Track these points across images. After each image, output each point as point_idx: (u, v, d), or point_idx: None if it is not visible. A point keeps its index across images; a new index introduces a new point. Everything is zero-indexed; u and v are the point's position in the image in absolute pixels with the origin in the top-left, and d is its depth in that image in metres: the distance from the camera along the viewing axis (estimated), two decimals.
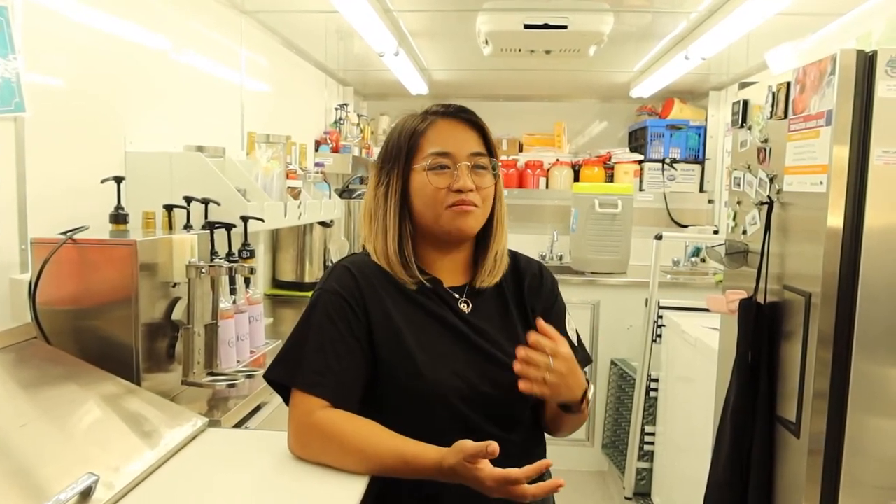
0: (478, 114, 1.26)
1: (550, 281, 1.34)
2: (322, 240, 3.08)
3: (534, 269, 1.32)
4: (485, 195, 1.22)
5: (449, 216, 1.19)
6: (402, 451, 1.09)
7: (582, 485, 3.51)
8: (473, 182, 1.19)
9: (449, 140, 1.21)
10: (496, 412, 1.18)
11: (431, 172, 1.19)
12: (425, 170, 1.19)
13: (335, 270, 1.24)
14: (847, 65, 1.48)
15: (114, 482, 1.05)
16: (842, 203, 1.50)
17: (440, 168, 1.19)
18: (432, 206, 1.20)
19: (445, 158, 1.19)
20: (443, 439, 1.08)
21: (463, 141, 1.21)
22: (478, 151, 1.22)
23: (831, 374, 1.53)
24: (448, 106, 1.25)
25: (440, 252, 1.25)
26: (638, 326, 3.42)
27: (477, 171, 1.21)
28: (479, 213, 1.22)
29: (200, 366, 1.59)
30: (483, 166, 1.22)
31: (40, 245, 1.46)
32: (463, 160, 1.20)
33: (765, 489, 1.71)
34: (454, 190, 1.18)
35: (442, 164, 1.19)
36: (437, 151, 1.20)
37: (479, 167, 1.21)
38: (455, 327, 1.21)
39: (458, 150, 1.20)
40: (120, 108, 1.89)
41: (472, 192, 1.19)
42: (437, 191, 1.19)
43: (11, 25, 1.44)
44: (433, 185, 1.19)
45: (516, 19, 2.58)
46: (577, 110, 4.63)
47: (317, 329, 1.17)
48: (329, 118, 3.88)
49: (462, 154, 1.20)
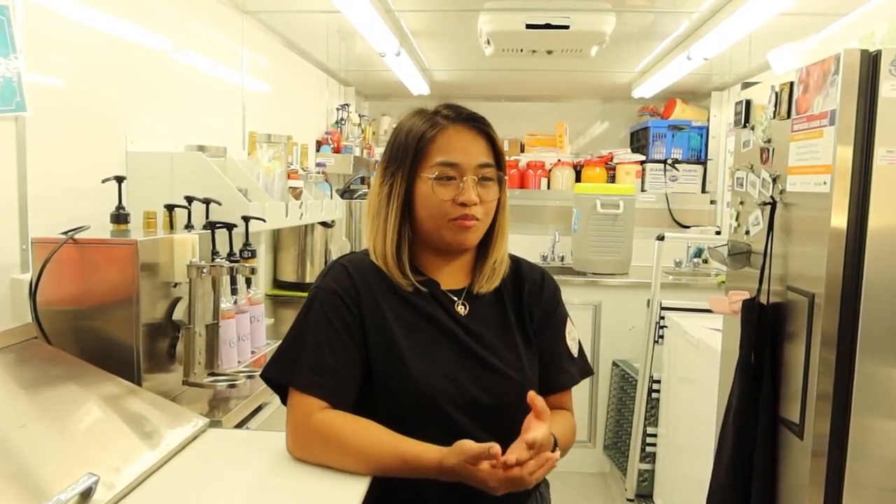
0: (479, 113, 1.25)
1: (552, 288, 1.32)
2: (323, 240, 3.07)
3: (535, 276, 1.31)
4: (488, 208, 1.21)
5: (451, 229, 1.18)
6: (403, 450, 1.09)
7: (584, 486, 3.51)
8: (479, 195, 1.18)
9: (457, 150, 1.18)
10: (488, 418, 1.17)
11: (437, 183, 1.17)
12: (431, 179, 1.17)
13: (332, 268, 1.23)
14: (851, 64, 1.47)
15: (114, 483, 1.05)
16: (845, 203, 1.50)
17: (446, 179, 1.17)
18: (435, 216, 1.18)
19: (452, 169, 1.18)
20: (434, 444, 1.08)
21: (471, 151, 1.19)
22: (485, 163, 1.20)
23: (835, 375, 1.52)
24: (460, 111, 1.22)
25: (440, 257, 1.25)
26: (640, 327, 3.42)
27: (483, 182, 1.19)
28: (481, 227, 1.21)
29: (201, 366, 1.59)
30: (490, 178, 1.20)
31: (41, 245, 1.46)
32: (470, 172, 1.18)
33: (768, 491, 1.71)
34: (458, 203, 1.17)
35: (448, 175, 1.18)
36: (444, 161, 1.17)
37: (485, 179, 1.20)
38: (450, 330, 1.20)
39: (466, 162, 1.18)
40: (121, 108, 1.89)
41: (475, 206, 1.18)
42: (442, 203, 1.17)
43: (12, 25, 1.44)
44: (438, 197, 1.17)
45: (518, 19, 2.58)
46: (578, 111, 4.63)
47: (313, 328, 1.17)
48: (330, 118, 3.88)
49: (470, 166, 1.18)
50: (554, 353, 1.27)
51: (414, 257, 1.23)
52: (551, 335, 1.28)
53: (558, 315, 1.30)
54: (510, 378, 1.19)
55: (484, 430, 1.15)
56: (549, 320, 1.28)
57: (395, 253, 1.20)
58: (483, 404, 1.16)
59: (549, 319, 1.28)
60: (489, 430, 1.14)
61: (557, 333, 1.29)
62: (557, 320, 1.29)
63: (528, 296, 1.28)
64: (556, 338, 1.28)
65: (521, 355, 1.22)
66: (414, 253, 1.24)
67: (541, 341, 1.26)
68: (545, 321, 1.27)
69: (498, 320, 1.25)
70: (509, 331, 1.24)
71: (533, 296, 1.28)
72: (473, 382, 1.17)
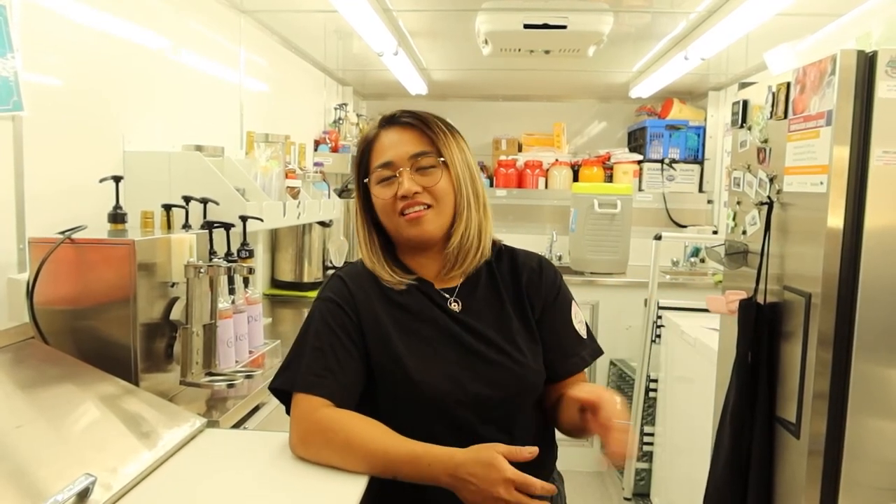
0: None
1: (551, 274, 1.31)
2: (321, 240, 3.07)
3: (532, 264, 1.30)
4: (437, 193, 1.20)
5: (404, 224, 1.21)
6: (411, 447, 1.08)
7: (581, 485, 3.51)
8: (420, 183, 1.20)
9: (389, 149, 1.22)
10: (491, 412, 1.17)
11: (378, 186, 1.22)
12: (375, 184, 1.23)
13: (330, 281, 1.27)
14: (847, 65, 1.48)
15: (111, 483, 1.05)
16: (842, 203, 1.50)
17: (385, 180, 1.21)
18: (388, 217, 1.23)
19: (388, 169, 1.21)
20: (438, 443, 1.08)
21: (402, 145, 1.22)
22: (418, 152, 1.21)
23: (831, 374, 1.53)
24: (393, 114, 1.26)
25: (419, 255, 1.27)
26: (637, 327, 3.42)
27: (423, 171, 1.21)
28: (433, 214, 1.21)
29: (199, 366, 1.59)
30: (429, 165, 1.21)
31: (38, 245, 1.45)
32: (404, 165, 1.20)
33: (764, 490, 1.71)
34: (399, 197, 1.19)
35: (386, 176, 1.21)
36: (380, 163, 1.22)
37: (423, 168, 1.21)
38: (446, 328, 1.21)
39: (398, 157, 1.21)
40: (118, 108, 1.88)
41: (419, 195, 1.19)
42: (386, 202, 1.21)
43: (9, 24, 1.44)
44: (381, 198, 1.22)
45: (516, 19, 2.58)
46: (576, 110, 4.63)
47: (314, 336, 1.19)
48: (328, 118, 3.87)
49: (402, 159, 1.21)
50: (561, 339, 1.27)
51: (401, 260, 1.27)
52: (556, 321, 1.27)
53: (561, 300, 1.29)
54: (510, 370, 1.19)
55: (487, 425, 1.16)
56: (552, 306, 1.27)
57: (375, 257, 1.26)
58: (485, 399, 1.17)
59: (551, 306, 1.27)
60: (493, 424, 1.16)
61: (563, 318, 1.28)
62: (561, 305, 1.28)
63: (527, 285, 1.27)
64: (562, 323, 1.28)
65: (522, 346, 1.22)
66: (400, 256, 1.28)
67: (546, 328, 1.26)
68: (548, 308, 1.27)
69: (494, 313, 1.24)
70: (507, 322, 1.23)
71: (532, 284, 1.28)
72: (474, 378, 1.17)
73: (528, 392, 1.21)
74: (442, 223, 1.22)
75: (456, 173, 1.22)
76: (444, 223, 1.22)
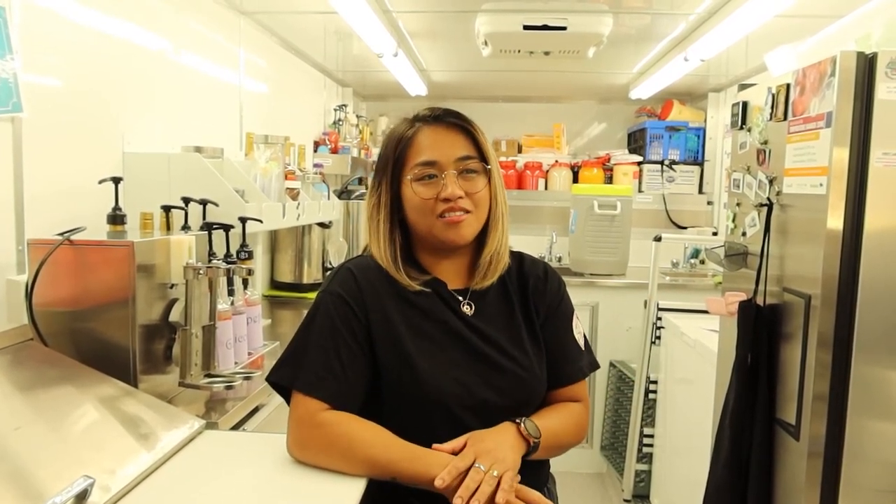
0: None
1: (556, 283, 1.31)
2: (321, 241, 3.07)
3: (538, 271, 1.31)
4: (477, 199, 1.20)
5: (441, 227, 1.18)
6: (412, 450, 1.08)
7: (580, 487, 3.51)
8: (463, 188, 1.18)
9: (434, 148, 1.19)
10: (496, 418, 1.16)
11: (418, 184, 1.18)
12: (413, 181, 1.18)
13: (339, 272, 1.23)
14: (847, 67, 1.48)
15: (110, 485, 1.05)
16: (842, 205, 1.50)
17: (427, 178, 1.18)
18: (423, 217, 1.19)
19: (431, 168, 1.18)
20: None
21: (449, 147, 1.19)
22: (465, 155, 1.19)
23: (831, 376, 1.53)
24: (434, 110, 1.23)
25: (440, 257, 1.25)
26: (637, 328, 3.42)
27: (467, 175, 1.19)
28: (473, 219, 1.20)
29: (198, 367, 1.58)
30: (473, 170, 1.20)
31: (37, 246, 1.45)
32: (450, 167, 1.18)
33: (764, 492, 1.71)
34: (442, 199, 1.17)
35: (429, 174, 1.18)
36: (422, 161, 1.18)
37: (468, 171, 1.19)
38: (457, 331, 1.20)
39: (444, 157, 1.18)
40: (118, 109, 1.88)
41: (461, 199, 1.17)
42: (426, 202, 1.18)
43: (8, 25, 1.44)
44: (420, 197, 1.18)
45: (515, 20, 2.58)
46: (576, 112, 4.63)
47: (318, 331, 1.17)
48: (328, 119, 3.87)
49: (448, 161, 1.18)
50: (562, 346, 1.27)
51: (416, 259, 1.24)
52: (559, 329, 1.28)
53: (563, 308, 1.29)
54: (519, 377, 1.19)
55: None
56: (555, 314, 1.28)
57: (390, 257, 1.21)
58: (491, 404, 1.16)
59: (554, 313, 1.28)
60: None
61: (564, 326, 1.28)
62: (563, 314, 1.29)
63: (532, 291, 1.27)
64: (563, 331, 1.28)
65: (529, 352, 1.22)
66: (416, 255, 1.24)
67: (548, 335, 1.26)
68: (551, 315, 1.27)
69: (505, 318, 1.24)
70: (516, 328, 1.23)
71: (537, 291, 1.28)
72: (482, 383, 1.17)
73: (532, 400, 1.21)
74: (476, 230, 1.22)
75: (495, 182, 1.23)
76: (478, 230, 1.22)
